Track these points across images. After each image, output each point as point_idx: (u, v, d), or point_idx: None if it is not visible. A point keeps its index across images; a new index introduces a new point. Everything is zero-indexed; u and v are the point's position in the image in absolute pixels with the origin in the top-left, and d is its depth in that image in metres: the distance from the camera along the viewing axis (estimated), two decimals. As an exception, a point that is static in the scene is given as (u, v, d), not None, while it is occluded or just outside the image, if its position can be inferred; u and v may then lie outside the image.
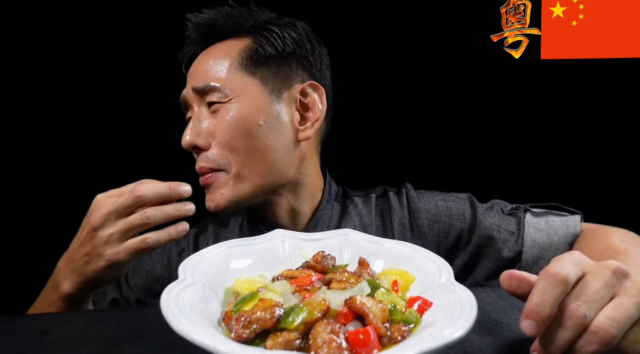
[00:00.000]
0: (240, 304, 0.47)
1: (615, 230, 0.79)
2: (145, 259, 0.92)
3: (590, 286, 0.43)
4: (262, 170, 0.81)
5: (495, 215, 0.87)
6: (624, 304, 0.42)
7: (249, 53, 0.83)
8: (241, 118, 0.79)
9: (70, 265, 0.68)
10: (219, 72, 0.81)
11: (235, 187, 0.80)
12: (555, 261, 0.45)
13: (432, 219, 0.88)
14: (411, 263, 0.57)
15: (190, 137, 0.80)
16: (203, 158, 0.80)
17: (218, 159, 0.80)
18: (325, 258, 0.58)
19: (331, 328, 0.42)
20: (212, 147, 0.80)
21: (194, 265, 0.52)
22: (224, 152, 0.79)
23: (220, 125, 0.80)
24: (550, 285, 0.42)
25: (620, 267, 0.44)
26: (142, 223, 0.65)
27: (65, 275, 0.69)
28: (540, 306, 0.42)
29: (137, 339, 0.52)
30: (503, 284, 0.47)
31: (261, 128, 0.80)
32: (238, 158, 0.79)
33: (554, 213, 0.87)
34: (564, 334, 0.42)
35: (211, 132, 0.80)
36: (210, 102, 0.81)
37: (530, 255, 0.84)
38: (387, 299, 0.48)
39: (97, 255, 0.65)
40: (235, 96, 0.80)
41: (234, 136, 0.79)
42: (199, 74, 0.83)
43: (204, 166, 0.80)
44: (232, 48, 0.84)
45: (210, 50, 0.86)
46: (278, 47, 0.84)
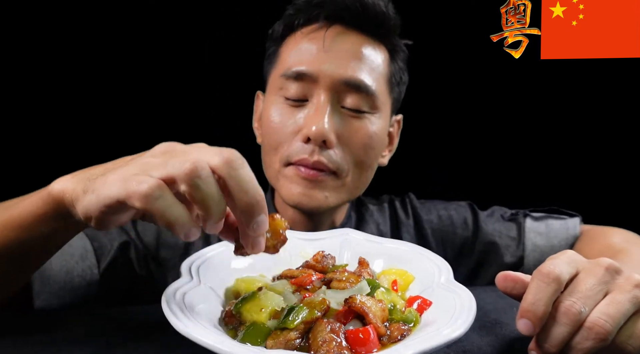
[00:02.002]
0: (240, 304, 0.47)
1: (615, 230, 0.80)
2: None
3: (584, 283, 0.43)
4: (361, 186, 0.81)
5: (496, 222, 0.88)
6: (618, 300, 0.42)
7: (393, 71, 0.82)
8: (377, 135, 0.78)
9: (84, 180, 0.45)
10: (375, 79, 0.77)
11: (340, 195, 0.78)
12: (549, 260, 0.46)
13: (435, 229, 0.89)
14: (411, 263, 0.57)
15: (328, 127, 0.73)
16: (325, 154, 0.74)
17: (341, 164, 0.76)
18: (325, 258, 0.58)
19: (331, 328, 0.42)
20: (336, 148, 0.75)
21: (195, 264, 0.52)
22: (349, 159, 0.76)
23: (359, 134, 0.76)
24: (543, 284, 0.43)
25: (612, 264, 0.45)
26: (192, 186, 0.38)
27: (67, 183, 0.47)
28: (535, 305, 0.42)
29: (137, 339, 0.52)
30: (498, 285, 0.48)
31: (379, 147, 0.81)
32: (356, 170, 0.78)
33: (553, 216, 0.88)
34: (560, 332, 0.42)
35: (341, 134, 0.75)
36: (353, 108, 0.76)
37: (532, 259, 0.85)
38: (387, 299, 0.48)
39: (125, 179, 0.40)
40: (379, 111, 0.79)
41: (366, 150, 0.77)
42: (356, 65, 0.76)
43: (323, 162, 0.74)
44: (383, 56, 0.80)
45: (361, 47, 0.78)
46: (407, 74, 0.86)
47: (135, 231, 0.80)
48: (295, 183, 0.75)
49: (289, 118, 0.77)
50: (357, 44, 0.78)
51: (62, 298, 0.68)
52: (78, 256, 0.71)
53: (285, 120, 0.77)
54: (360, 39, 0.78)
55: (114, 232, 0.77)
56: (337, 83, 0.75)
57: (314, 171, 0.74)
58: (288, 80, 0.77)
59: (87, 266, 0.72)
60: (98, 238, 0.75)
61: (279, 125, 0.77)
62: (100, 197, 0.40)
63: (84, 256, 0.72)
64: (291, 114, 0.77)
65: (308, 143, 0.74)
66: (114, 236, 0.76)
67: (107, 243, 0.75)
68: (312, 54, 0.76)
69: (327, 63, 0.75)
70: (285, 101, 0.78)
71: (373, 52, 0.79)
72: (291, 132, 0.76)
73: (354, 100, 0.76)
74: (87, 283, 0.71)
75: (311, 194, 0.75)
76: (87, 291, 0.71)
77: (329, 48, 0.76)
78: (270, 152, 0.79)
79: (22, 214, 0.49)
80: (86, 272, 0.72)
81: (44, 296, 0.66)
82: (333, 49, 0.76)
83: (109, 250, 0.74)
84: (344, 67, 0.75)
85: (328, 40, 0.76)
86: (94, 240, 0.74)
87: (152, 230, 0.81)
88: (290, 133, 0.76)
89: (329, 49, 0.76)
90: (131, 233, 0.79)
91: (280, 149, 0.77)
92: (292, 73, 0.76)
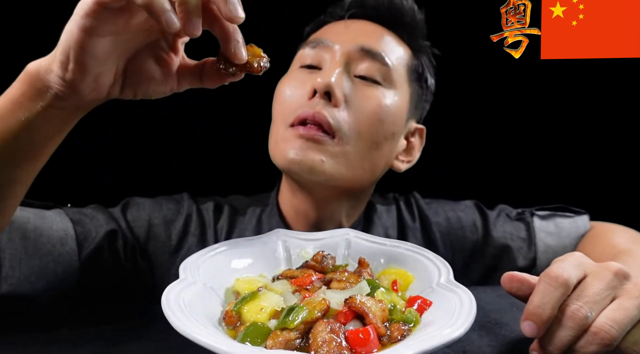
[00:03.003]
0: (240, 304, 0.47)
1: (618, 229, 0.79)
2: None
3: (591, 288, 0.43)
4: (365, 167, 0.74)
5: (505, 223, 0.86)
6: (625, 306, 0.42)
7: (415, 64, 0.80)
8: (388, 108, 0.73)
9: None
10: (393, 54, 0.76)
11: (338, 166, 0.71)
12: (556, 263, 0.45)
13: (444, 232, 0.85)
14: (411, 263, 0.57)
15: (334, 81, 0.69)
16: (328, 110, 0.70)
17: (343, 125, 0.70)
18: (325, 258, 0.58)
19: (331, 328, 0.42)
20: (343, 110, 0.71)
21: (194, 264, 0.52)
22: (354, 125, 0.71)
23: (369, 101, 0.72)
24: (551, 287, 0.43)
25: (621, 269, 0.45)
26: None
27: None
28: (541, 309, 0.42)
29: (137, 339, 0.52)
30: (504, 286, 0.47)
31: (389, 124, 0.74)
32: (360, 143, 0.72)
33: (559, 214, 0.85)
34: (564, 335, 0.42)
35: (350, 97, 0.72)
36: (364, 76, 0.73)
37: (544, 261, 0.82)
38: (387, 299, 0.48)
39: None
40: (394, 87, 0.75)
41: (374, 121, 0.72)
42: (374, 39, 0.75)
43: (323, 115, 0.69)
44: (404, 48, 0.80)
45: (383, 33, 0.78)
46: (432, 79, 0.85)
47: (126, 221, 0.75)
48: (291, 143, 0.70)
49: (301, 82, 0.75)
50: (379, 30, 0.78)
51: (34, 284, 0.63)
52: (56, 240, 0.66)
53: (296, 84, 0.75)
54: (383, 29, 0.79)
55: (101, 218, 0.72)
56: (352, 50, 0.74)
57: (313, 129, 0.69)
58: (305, 48, 0.77)
59: (65, 252, 0.67)
60: (83, 223, 0.70)
61: (289, 89, 0.75)
62: (78, 13, 0.42)
63: (63, 241, 0.67)
64: (303, 79, 0.75)
65: (313, 99, 0.71)
66: (101, 223, 0.72)
67: (92, 230, 0.70)
68: (332, 28, 0.79)
69: (345, 34, 0.76)
70: (299, 69, 0.77)
71: (394, 40, 0.79)
72: (300, 94, 0.73)
73: (368, 67, 0.74)
74: (64, 270, 0.66)
75: (306, 154, 0.69)
76: (63, 279, 0.66)
77: (349, 25, 0.78)
78: (277, 120, 0.75)
79: (1, 103, 0.49)
80: (64, 258, 0.66)
81: (12, 280, 0.62)
82: (353, 26, 0.77)
83: (93, 236, 0.69)
84: (361, 37, 0.75)
85: (350, 21, 0.78)
86: (78, 224, 0.69)
87: (143, 220, 0.77)
88: (299, 96, 0.73)
89: (350, 26, 0.78)
90: (121, 222, 0.75)
91: (286, 113, 0.73)
92: (310, 41, 0.77)
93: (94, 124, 1.12)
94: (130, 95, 0.52)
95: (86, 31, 0.43)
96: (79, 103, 0.49)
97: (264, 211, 0.83)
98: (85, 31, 0.43)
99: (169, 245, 0.78)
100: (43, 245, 0.65)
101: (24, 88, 0.48)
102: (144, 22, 0.46)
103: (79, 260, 0.68)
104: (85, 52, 0.44)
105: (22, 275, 0.63)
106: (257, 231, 0.80)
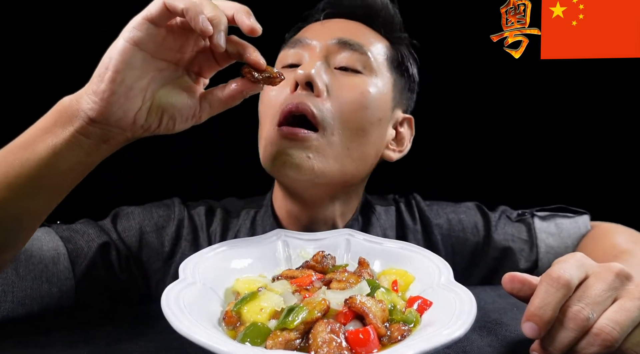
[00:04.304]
0: (240, 304, 0.47)
1: (621, 229, 0.79)
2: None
3: (593, 289, 0.43)
4: (354, 157, 0.72)
5: (506, 224, 0.85)
6: (627, 307, 0.42)
7: (394, 54, 0.80)
8: (371, 95, 0.73)
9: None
10: (371, 44, 0.76)
11: (326, 159, 0.69)
12: (558, 263, 0.45)
13: (445, 234, 0.85)
14: (411, 263, 0.57)
15: (315, 71, 0.69)
16: (311, 99, 0.69)
17: (327, 116, 0.69)
18: (325, 258, 0.58)
19: (331, 328, 0.42)
20: (326, 101, 0.70)
21: (194, 264, 0.52)
22: (337, 115, 0.70)
23: (351, 89, 0.72)
24: (552, 289, 0.42)
25: (623, 269, 0.44)
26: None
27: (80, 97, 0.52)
28: (542, 310, 0.42)
29: (137, 339, 0.52)
30: (505, 286, 0.47)
31: (374, 111, 0.73)
32: (346, 132, 0.71)
33: (560, 215, 0.85)
34: (566, 336, 0.42)
35: (332, 87, 0.71)
36: (345, 67, 0.73)
37: (546, 262, 0.82)
38: (387, 299, 0.48)
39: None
40: (376, 75, 0.75)
41: (358, 108, 0.71)
42: (350, 32, 0.76)
43: (306, 104, 0.68)
44: (382, 40, 0.80)
45: (359, 26, 0.80)
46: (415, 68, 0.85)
47: (117, 232, 0.75)
48: (277, 145, 0.69)
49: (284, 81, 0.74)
50: (355, 25, 0.80)
51: (29, 307, 0.63)
52: (48, 260, 0.66)
53: None
54: (359, 24, 0.80)
55: (92, 233, 0.72)
56: (330, 44, 0.74)
57: (296, 127, 0.68)
58: (285, 49, 0.78)
59: (59, 271, 0.66)
60: (73, 240, 0.70)
61: (273, 89, 0.73)
62: (126, 29, 0.50)
63: (56, 260, 0.66)
64: (286, 77, 0.72)
65: (296, 91, 0.70)
66: (92, 237, 0.71)
67: (84, 245, 0.70)
68: (310, 28, 0.80)
69: (322, 31, 0.77)
70: (281, 69, 0.77)
71: (370, 33, 0.80)
72: (284, 91, 0.72)
73: (347, 57, 0.74)
74: (59, 289, 0.66)
75: (291, 152, 0.68)
76: (59, 297, 0.66)
77: (326, 24, 0.79)
78: (266, 121, 0.74)
79: (32, 131, 0.53)
80: (58, 277, 0.66)
81: (5, 305, 0.61)
82: (329, 24, 0.79)
83: (85, 252, 0.69)
84: (338, 32, 0.76)
85: (326, 21, 0.80)
86: (69, 241, 0.69)
87: (134, 230, 0.77)
88: (283, 93, 0.72)
89: (326, 24, 0.79)
90: (112, 234, 0.74)
91: (273, 112, 0.72)
92: (290, 42, 0.78)
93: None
94: (155, 124, 0.54)
95: (130, 41, 0.49)
96: (105, 132, 0.52)
97: (258, 213, 0.83)
98: (129, 41, 0.49)
99: (163, 252, 0.78)
100: (35, 266, 0.64)
101: (55, 117, 0.52)
102: (175, 42, 0.53)
103: (74, 277, 0.68)
104: (124, 60, 0.49)
105: (16, 298, 0.62)
106: (251, 233, 0.79)
